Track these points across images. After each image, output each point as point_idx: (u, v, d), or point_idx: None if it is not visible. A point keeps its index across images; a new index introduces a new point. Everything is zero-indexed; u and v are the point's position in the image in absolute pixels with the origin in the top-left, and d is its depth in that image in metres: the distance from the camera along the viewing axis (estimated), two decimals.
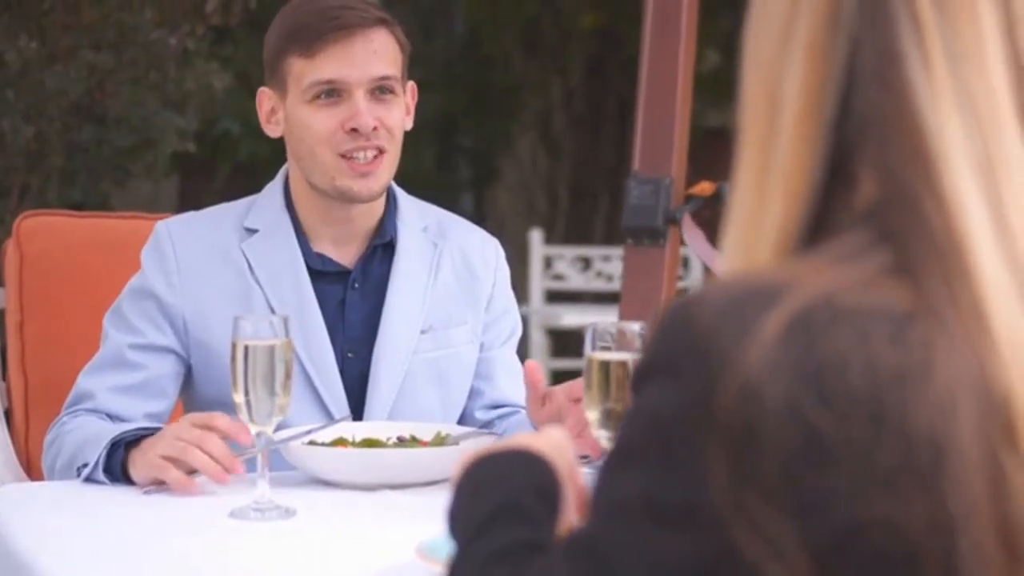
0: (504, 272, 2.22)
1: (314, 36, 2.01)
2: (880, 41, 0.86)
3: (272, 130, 2.10)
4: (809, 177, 0.88)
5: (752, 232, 0.89)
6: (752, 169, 0.90)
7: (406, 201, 2.17)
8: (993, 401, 0.80)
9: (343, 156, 2.02)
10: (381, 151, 2.02)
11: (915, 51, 0.85)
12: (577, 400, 1.83)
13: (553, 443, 1.10)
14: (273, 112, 2.09)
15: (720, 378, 0.80)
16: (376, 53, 2.02)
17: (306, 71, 2.02)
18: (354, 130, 2.01)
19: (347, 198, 2.05)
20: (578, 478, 1.11)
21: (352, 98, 2.01)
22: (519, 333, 2.25)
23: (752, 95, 0.91)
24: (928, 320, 0.81)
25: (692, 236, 1.78)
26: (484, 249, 2.21)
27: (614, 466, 0.86)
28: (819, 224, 0.88)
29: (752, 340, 0.80)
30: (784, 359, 0.79)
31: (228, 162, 7.87)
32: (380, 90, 2.03)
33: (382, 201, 2.12)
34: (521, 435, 1.13)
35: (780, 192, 0.88)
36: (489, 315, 2.19)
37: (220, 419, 1.78)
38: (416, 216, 2.16)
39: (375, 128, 2.01)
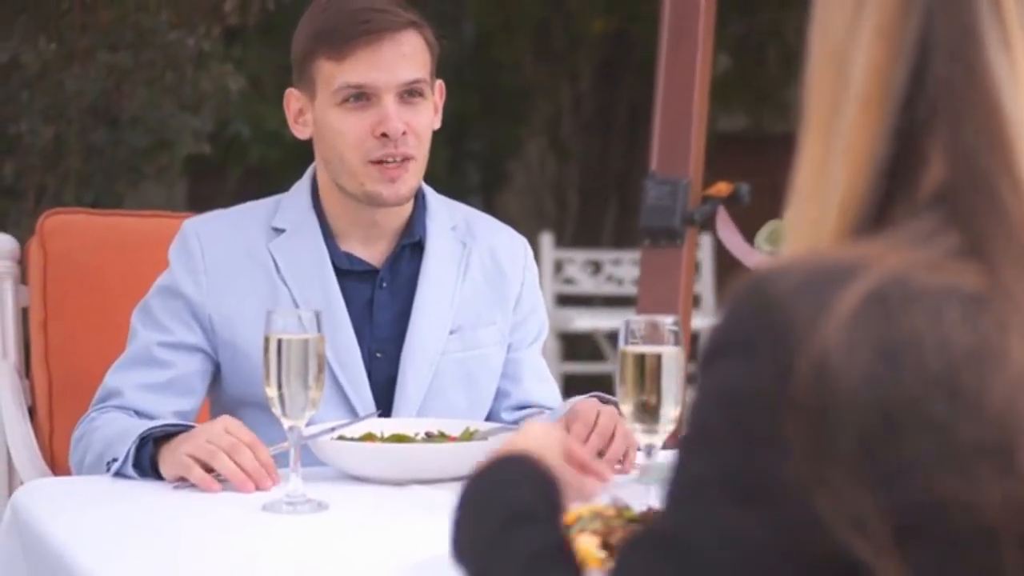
0: (533, 271, 2.22)
1: (343, 39, 2.00)
2: (957, 17, 0.86)
3: (300, 131, 2.09)
4: (874, 156, 0.87)
5: (814, 211, 0.89)
6: (816, 148, 0.89)
7: (436, 200, 2.17)
8: None
9: (372, 162, 2.02)
10: (408, 158, 2.02)
11: (995, 33, 0.85)
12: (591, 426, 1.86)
13: (533, 439, 1.14)
14: (301, 113, 2.09)
15: (797, 355, 0.80)
16: (405, 57, 2.02)
17: (335, 74, 2.01)
18: (384, 135, 2.00)
19: (376, 203, 2.04)
20: (568, 463, 1.15)
21: (381, 102, 2.00)
22: (546, 333, 2.25)
23: (819, 72, 0.90)
24: (1003, 303, 0.81)
25: (726, 231, 1.78)
26: (513, 248, 2.21)
27: (689, 449, 0.86)
28: (883, 206, 0.88)
29: (828, 317, 0.80)
30: (860, 336, 0.80)
31: (239, 166, 7.87)
32: (409, 93, 2.03)
33: (411, 201, 2.12)
34: (504, 443, 1.16)
35: (844, 171, 0.88)
36: (517, 315, 2.18)
37: (258, 448, 1.78)
38: (445, 215, 2.16)
39: (404, 133, 2.01)
